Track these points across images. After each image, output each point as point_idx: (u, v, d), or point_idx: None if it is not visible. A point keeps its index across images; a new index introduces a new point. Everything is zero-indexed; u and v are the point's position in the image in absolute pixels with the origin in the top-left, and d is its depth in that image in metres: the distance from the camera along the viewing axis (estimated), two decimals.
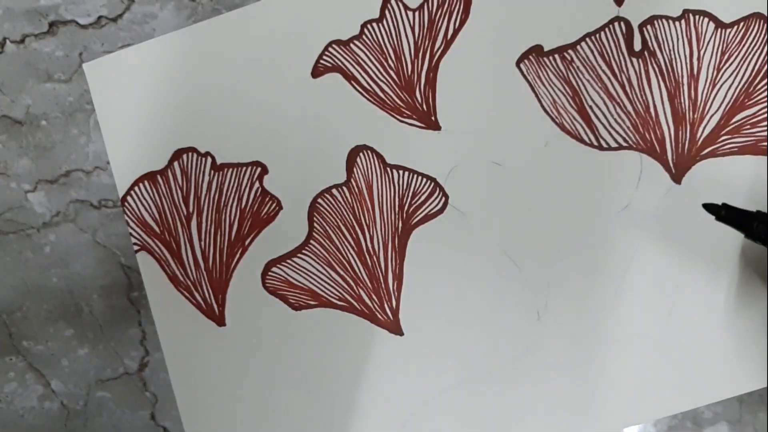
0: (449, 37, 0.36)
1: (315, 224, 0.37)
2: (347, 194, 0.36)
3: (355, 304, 0.37)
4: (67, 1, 0.37)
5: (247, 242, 0.37)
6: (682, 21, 0.34)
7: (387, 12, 0.36)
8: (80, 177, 0.38)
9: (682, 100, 0.34)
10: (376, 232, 0.36)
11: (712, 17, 0.34)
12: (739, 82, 0.34)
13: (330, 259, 0.37)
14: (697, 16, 0.34)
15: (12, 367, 0.39)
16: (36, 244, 0.38)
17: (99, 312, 0.38)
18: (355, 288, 0.37)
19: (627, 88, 0.35)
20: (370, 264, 0.36)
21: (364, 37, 0.36)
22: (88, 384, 0.39)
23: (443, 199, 0.36)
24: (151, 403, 0.38)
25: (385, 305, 0.36)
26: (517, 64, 0.35)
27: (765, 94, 0.34)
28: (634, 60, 0.34)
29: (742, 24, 0.34)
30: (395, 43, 0.36)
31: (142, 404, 0.38)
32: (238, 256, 0.37)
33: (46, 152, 0.38)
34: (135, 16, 0.37)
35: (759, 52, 0.34)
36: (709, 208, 0.30)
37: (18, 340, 0.39)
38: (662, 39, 0.34)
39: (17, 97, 0.38)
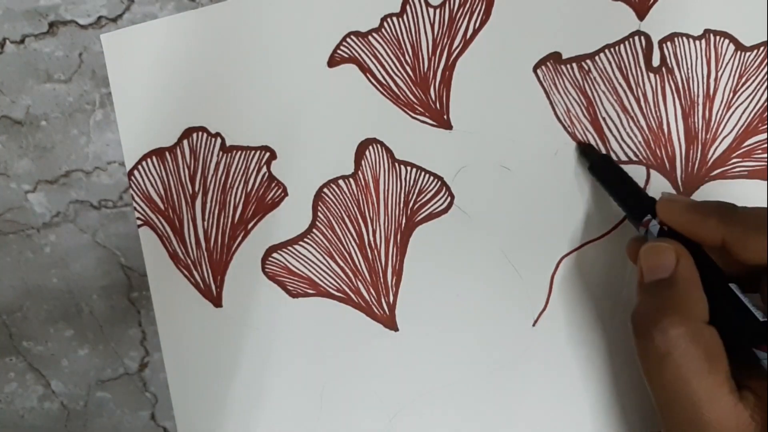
0: (468, 36, 0.36)
1: (319, 213, 0.37)
2: (353, 186, 0.36)
3: (352, 296, 0.37)
4: (67, 1, 0.37)
5: (249, 226, 0.37)
6: (703, 40, 0.34)
7: (408, 7, 0.36)
8: (80, 177, 0.38)
9: (696, 120, 0.34)
10: (380, 226, 0.36)
11: (733, 39, 0.34)
12: (755, 107, 0.34)
13: (331, 249, 0.37)
14: (718, 37, 0.34)
15: (12, 367, 0.39)
16: (36, 245, 0.38)
17: (99, 312, 0.38)
18: (353, 280, 0.37)
19: (642, 102, 0.34)
20: (370, 257, 0.36)
21: (383, 30, 0.36)
22: (88, 384, 0.39)
23: (449, 198, 0.36)
24: (152, 404, 0.38)
25: (383, 300, 0.36)
26: (534, 69, 0.35)
27: None
28: (652, 75, 0.34)
29: (762, 48, 0.34)
30: (413, 38, 0.36)
31: (142, 404, 0.38)
32: (239, 239, 0.37)
33: (46, 152, 0.38)
34: (135, 17, 0.37)
35: None
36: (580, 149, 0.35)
37: (18, 340, 0.39)
38: (681, 57, 0.34)
39: (17, 98, 0.37)
